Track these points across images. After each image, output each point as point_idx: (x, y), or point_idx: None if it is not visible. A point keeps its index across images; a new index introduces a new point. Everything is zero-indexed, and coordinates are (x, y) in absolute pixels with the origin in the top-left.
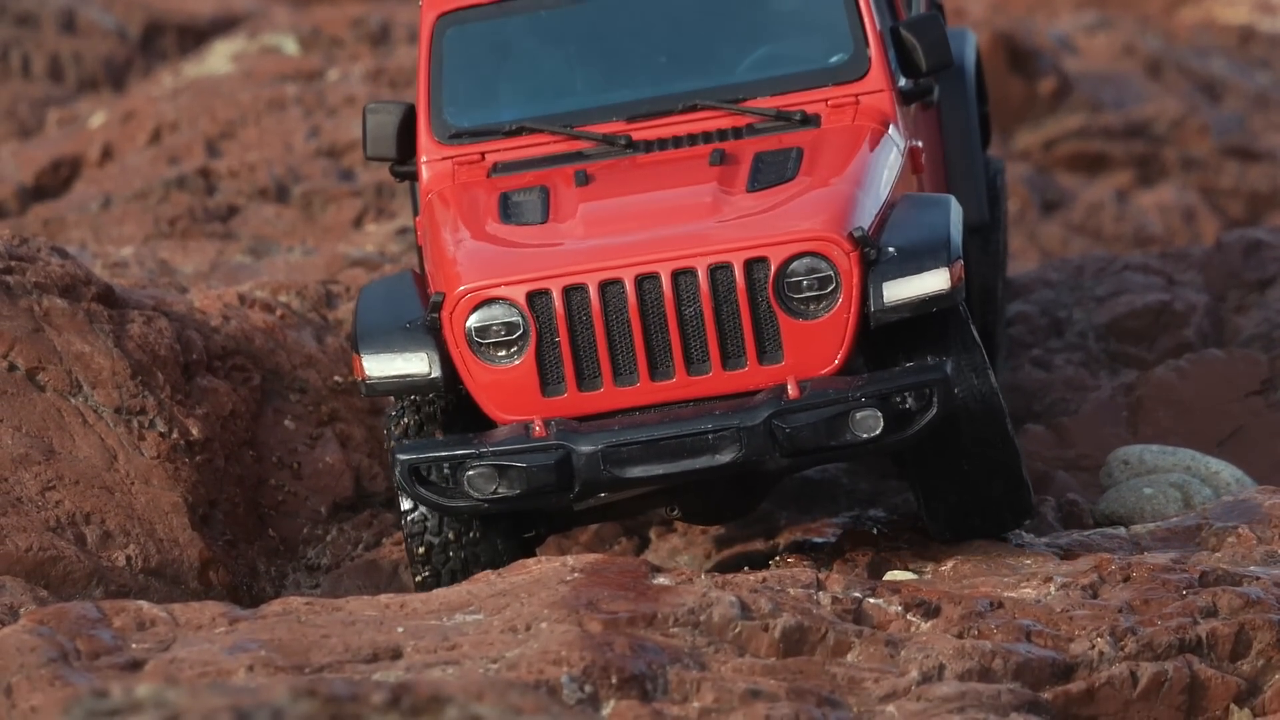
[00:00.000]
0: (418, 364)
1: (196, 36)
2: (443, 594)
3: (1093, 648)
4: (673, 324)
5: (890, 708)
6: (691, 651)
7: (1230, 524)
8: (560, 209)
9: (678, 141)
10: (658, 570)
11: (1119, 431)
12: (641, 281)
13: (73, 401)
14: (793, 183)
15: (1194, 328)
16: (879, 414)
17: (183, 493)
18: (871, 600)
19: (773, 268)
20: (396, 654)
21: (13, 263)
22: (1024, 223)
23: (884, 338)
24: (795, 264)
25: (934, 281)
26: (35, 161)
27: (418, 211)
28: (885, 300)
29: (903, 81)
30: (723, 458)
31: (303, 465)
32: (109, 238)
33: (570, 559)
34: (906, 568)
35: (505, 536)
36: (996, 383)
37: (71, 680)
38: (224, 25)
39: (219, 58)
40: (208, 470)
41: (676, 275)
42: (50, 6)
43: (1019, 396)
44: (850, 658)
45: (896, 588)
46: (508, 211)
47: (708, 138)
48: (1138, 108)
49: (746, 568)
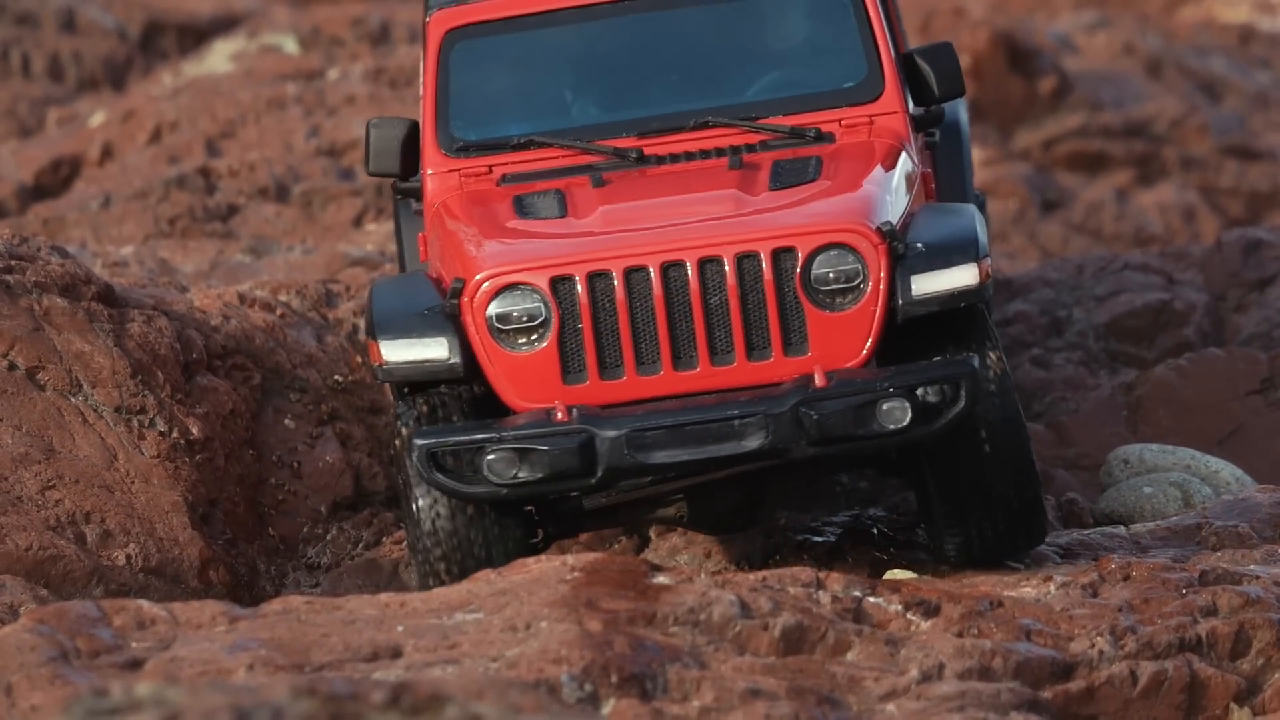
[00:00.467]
0: (437, 349)
1: (196, 36)
2: (442, 593)
3: (1093, 647)
4: (698, 313)
5: (890, 706)
6: (691, 650)
7: (1230, 523)
8: (578, 208)
9: (690, 156)
10: (658, 569)
11: (1119, 430)
12: (667, 269)
13: (73, 400)
14: (815, 183)
15: (1194, 327)
16: (907, 405)
17: (183, 492)
18: (871, 599)
19: (800, 258)
20: (396, 653)
21: (13, 262)
22: (1024, 222)
23: (904, 343)
24: (823, 255)
25: (963, 276)
26: (35, 161)
27: (400, 232)
28: (914, 294)
29: (914, 109)
30: (749, 444)
31: (303, 464)
32: (109, 237)
33: (570, 558)
34: (906, 567)
35: (513, 538)
36: (1017, 400)
37: (71, 679)
38: (224, 24)
39: (219, 57)
40: (208, 469)
41: (703, 264)
42: (50, 6)
43: (1019, 396)
44: (850, 656)
45: (896, 587)
46: (524, 209)
47: (720, 153)
48: (1138, 107)
49: (746, 566)
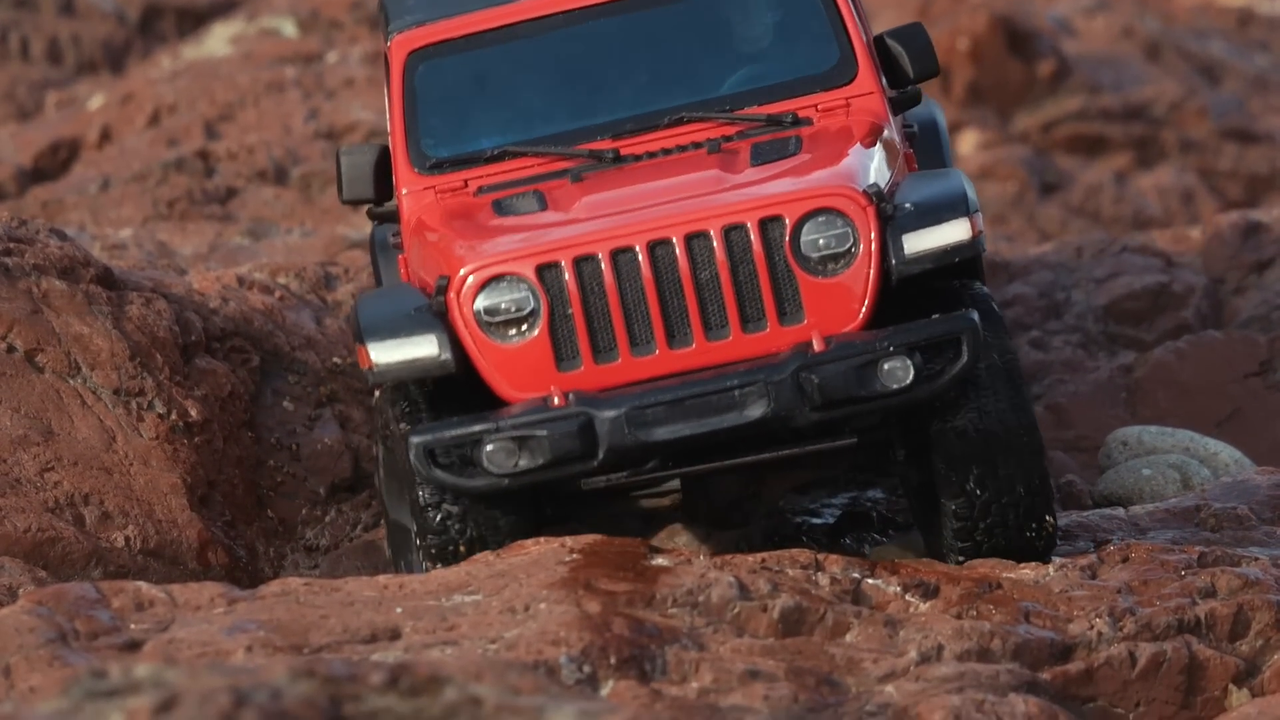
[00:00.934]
0: (426, 347)
1: (195, 19)
2: (441, 575)
3: (1091, 628)
4: (689, 288)
5: (889, 688)
6: (690, 632)
7: (1229, 505)
8: (559, 202)
9: (667, 153)
10: (656, 551)
11: (1117, 413)
12: (654, 247)
13: (71, 383)
14: (797, 157)
15: (1192, 309)
16: (909, 363)
17: (181, 474)
18: (870, 581)
19: (789, 226)
20: (395, 634)
21: (11, 244)
22: (1023, 204)
23: (899, 312)
24: (811, 221)
25: (954, 232)
26: (34, 144)
27: (376, 261)
28: (906, 253)
29: (891, 92)
30: (751, 413)
31: (301, 446)
32: (108, 220)
33: (569, 539)
34: (905, 548)
35: (519, 527)
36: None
37: (70, 660)
38: (223, 8)
39: (218, 40)
40: (206, 451)
41: (690, 239)
42: None
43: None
44: (849, 638)
45: (895, 568)
46: (503, 210)
47: (698, 146)
48: (1136, 90)
49: (745, 548)
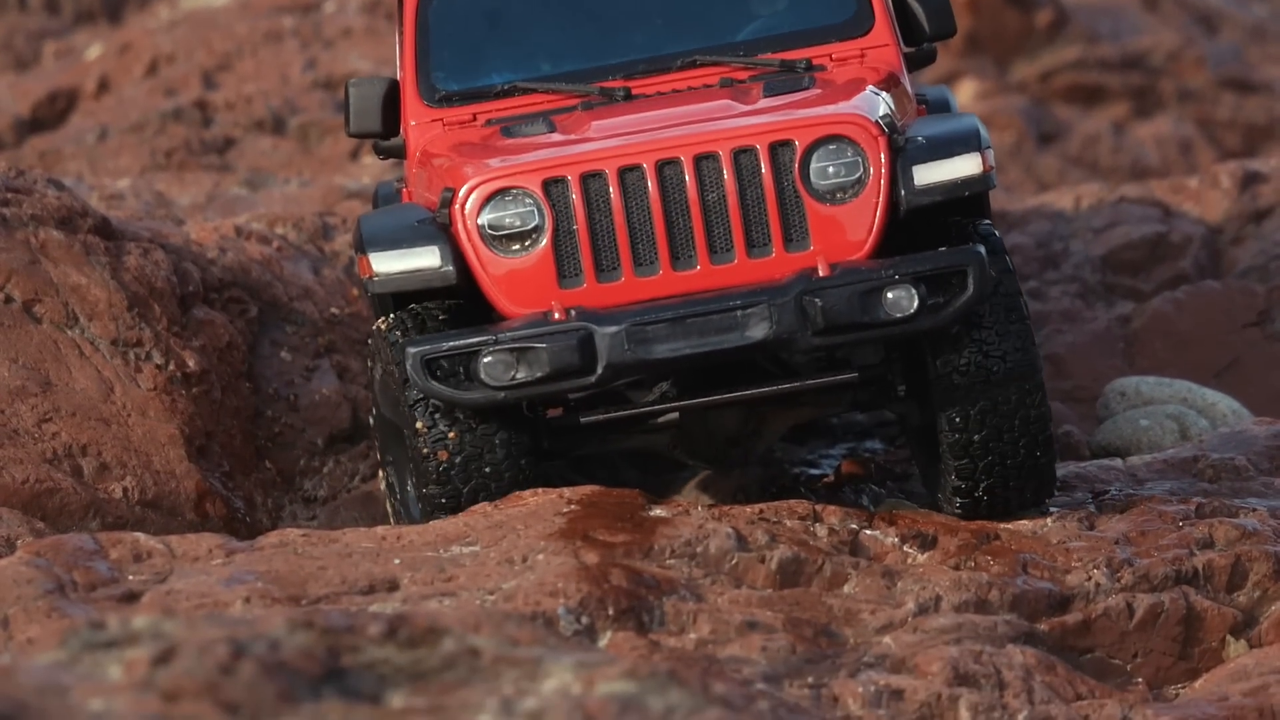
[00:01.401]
0: (428, 258)
1: None
2: (439, 526)
3: (1089, 579)
4: (695, 210)
5: (887, 639)
6: (688, 583)
7: (1227, 455)
8: (568, 126)
9: (679, 94)
10: (654, 502)
11: (1115, 363)
12: (662, 167)
13: (69, 333)
14: (809, 91)
15: (1190, 259)
16: (913, 293)
17: (179, 425)
18: (868, 532)
19: (799, 151)
20: (393, 586)
21: (9, 194)
22: (1021, 154)
23: (907, 249)
24: (822, 149)
25: (966, 166)
26: (32, 94)
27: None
28: (916, 184)
29: (907, 49)
30: (753, 334)
31: (299, 397)
32: (105, 170)
33: (566, 490)
34: (903, 499)
35: (518, 457)
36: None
37: (68, 612)
38: None
39: None
40: (204, 402)
41: (699, 160)
42: None
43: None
44: (847, 589)
45: (893, 519)
46: (511, 133)
47: (710, 88)
48: (1134, 39)
49: (743, 499)
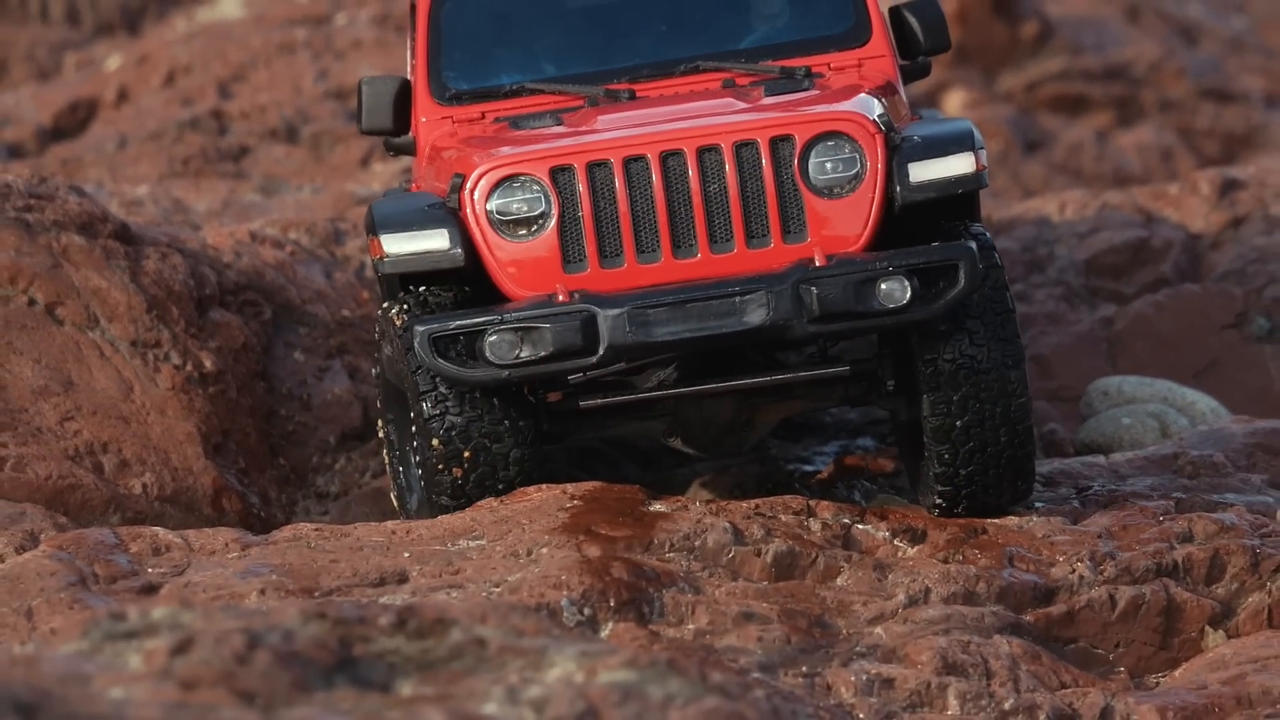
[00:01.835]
0: (437, 240)
1: None
2: (446, 520)
3: (1073, 572)
4: (697, 200)
5: (878, 629)
6: (687, 575)
7: (1206, 452)
8: (574, 122)
9: (681, 95)
10: (654, 497)
11: (1098, 363)
12: (666, 158)
13: (90, 335)
14: (809, 92)
15: (1171, 263)
16: (906, 284)
17: (196, 423)
18: (860, 526)
19: (798, 146)
20: (403, 578)
21: (32, 201)
22: (1007, 162)
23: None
24: (820, 144)
25: (959, 164)
26: (53, 103)
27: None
28: (911, 181)
29: (902, 62)
30: (751, 320)
31: (312, 396)
32: (125, 177)
33: (569, 486)
34: (894, 494)
35: (520, 437)
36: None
37: (89, 603)
38: None
39: (231, 3)
40: (220, 401)
41: (701, 152)
42: None
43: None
44: (839, 582)
45: (884, 514)
46: (519, 126)
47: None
48: (1117, 51)
49: (739, 494)
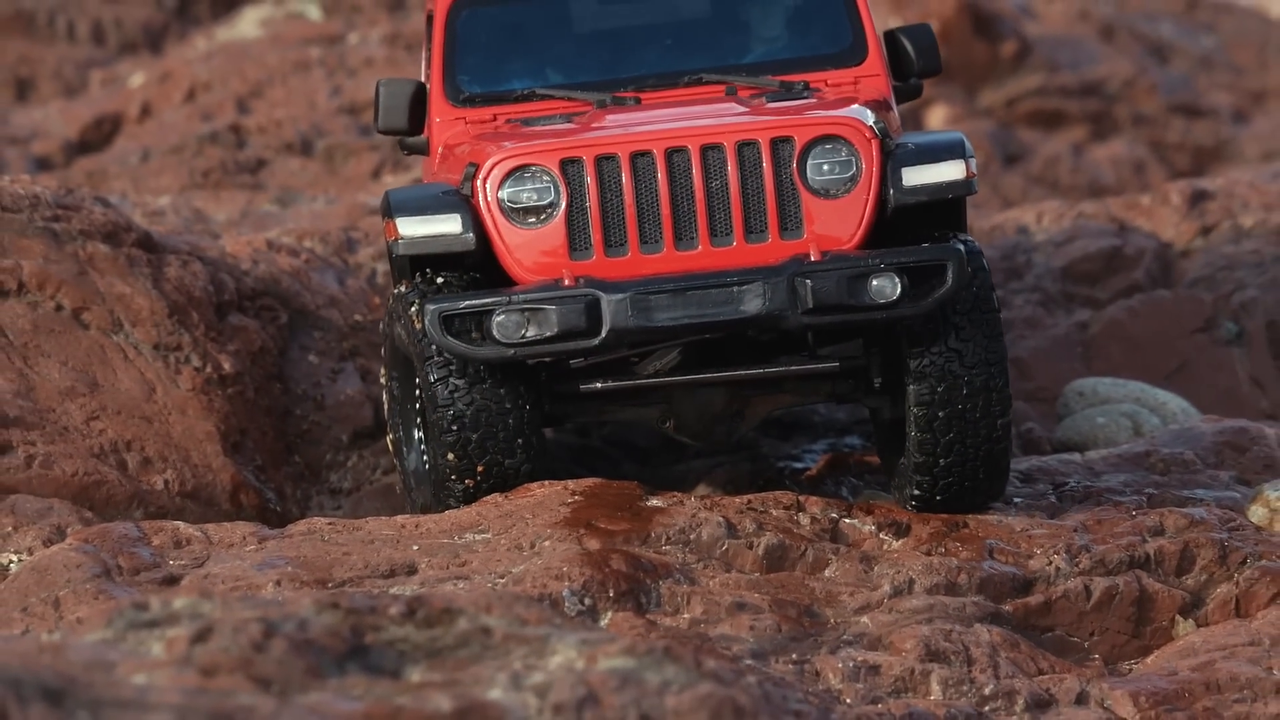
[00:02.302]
0: (450, 224)
1: (228, 3)
2: (453, 515)
3: (1050, 564)
4: (699, 195)
5: (864, 619)
6: (682, 567)
7: (1176, 450)
8: (584, 120)
9: (686, 101)
10: (651, 493)
11: (1074, 365)
12: (671, 154)
13: (115, 339)
14: (808, 101)
15: (1143, 270)
16: (896, 281)
17: (216, 422)
18: (847, 520)
19: (797, 147)
20: (412, 570)
21: (60, 211)
22: (987, 175)
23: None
24: (819, 147)
25: (951, 171)
26: (80, 118)
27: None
28: (905, 184)
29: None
30: (747, 309)
31: (326, 397)
32: (148, 188)
33: (571, 483)
34: (880, 490)
35: (525, 411)
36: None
37: (114, 594)
38: None
39: (248, 23)
40: (239, 401)
41: (705, 150)
42: None
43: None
44: (828, 573)
45: (870, 509)
46: (530, 123)
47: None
48: (1092, 69)
49: (732, 490)
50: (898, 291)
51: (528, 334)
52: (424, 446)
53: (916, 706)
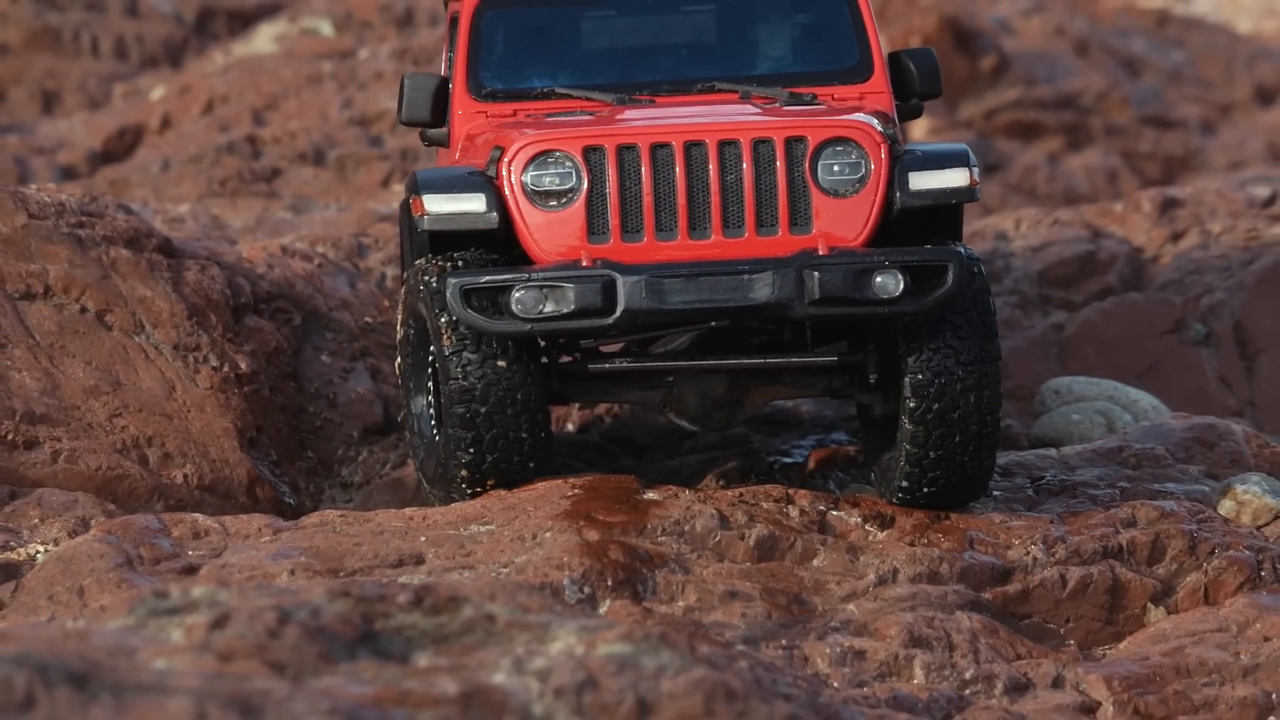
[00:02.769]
0: (475, 203)
1: (244, 20)
2: (459, 507)
3: (1028, 554)
4: (715, 187)
5: (851, 606)
6: (677, 557)
7: (1148, 445)
8: (605, 114)
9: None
10: (647, 487)
11: (1050, 365)
12: (689, 147)
13: (136, 340)
14: (820, 107)
15: (1116, 274)
16: (899, 278)
17: (233, 419)
18: (834, 513)
19: (810, 147)
20: (419, 560)
21: (84, 218)
22: None
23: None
24: (830, 148)
25: (955, 178)
26: (103, 130)
27: (405, 234)
28: (911, 188)
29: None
30: (756, 297)
31: (337, 395)
32: (168, 196)
33: (570, 477)
34: (865, 485)
35: (535, 387)
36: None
37: (135, 583)
38: (268, 10)
39: (264, 39)
40: (254, 399)
41: (722, 145)
42: None
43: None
44: (816, 563)
45: (856, 502)
46: (552, 115)
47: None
48: (1067, 82)
49: (724, 484)
50: (900, 288)
51: (545, 310)
52: (433, 415)
53: (900, 690)
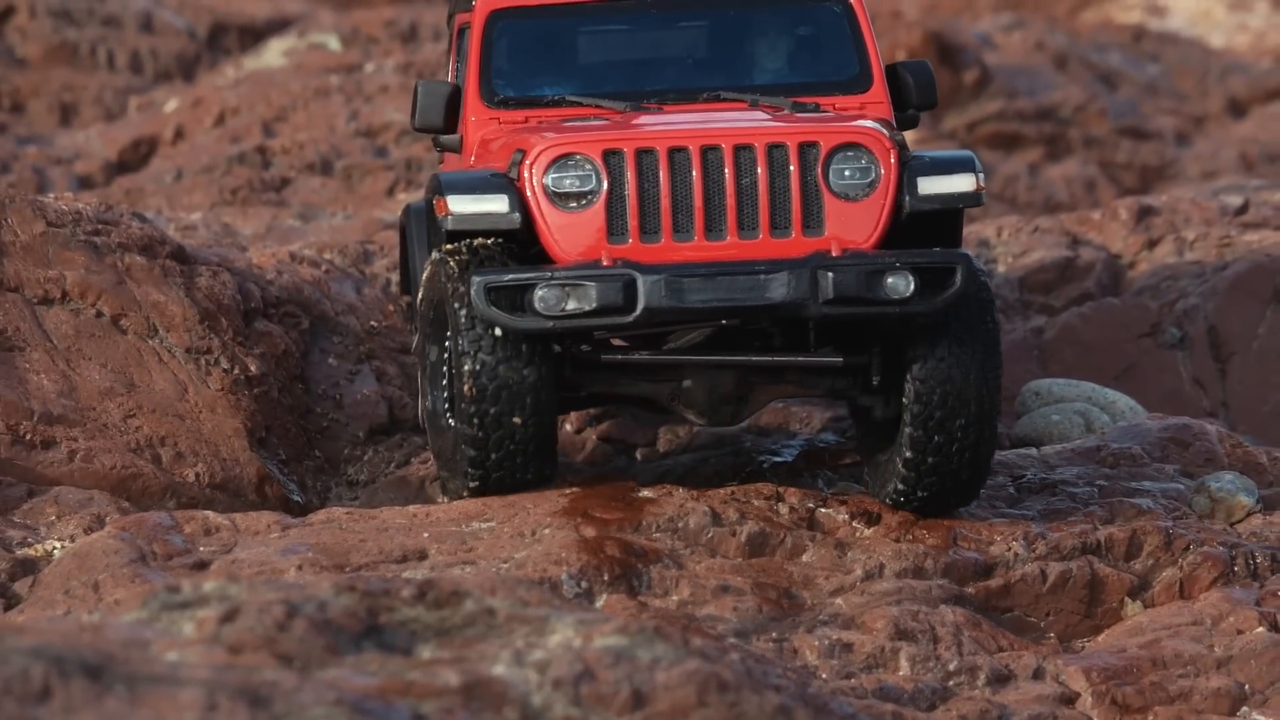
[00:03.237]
0: (498, 204)
1: (255, 35)
2: (461, 505)
3: (1009, 550)
4: (730, 191)
5: (839, 600)
6: (671, 553)
7: (1125, 445)
8: (621, 120)
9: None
10: (642, 485)
11: (1031, 367)
12: (706, 151)
13: (150, 343)
14: (829, 114)
15: (1094, 280)
16: (910, 280)
17: (243, 420)
18: (823, 510)
19: (823, 152)
20: (423, 556)
21: (100, 226)
22: None
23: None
24: (841, 153)
25: (962, 183)
26: (118, 141)
27: (406, 254)
28: (920, 192)
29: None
30: (772, 296)
31: (344, 396)
32: (180, 205)
33: (569, 476)
34: (853, 483)
35: (548, 383)
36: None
37: (149, 578)
38: (278, 25)
39: (274, 53)
40: (264, 401)
41: (737, 149)
42: (131, 9)
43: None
44: (805, 558)
45: (844, 500)
46: (569, 120)
47: None
48: (1047, 95)
49: (717, 482)
50: (910, 289)
51: (567, 308)
52: (446, 397)
53: (887, 681)
